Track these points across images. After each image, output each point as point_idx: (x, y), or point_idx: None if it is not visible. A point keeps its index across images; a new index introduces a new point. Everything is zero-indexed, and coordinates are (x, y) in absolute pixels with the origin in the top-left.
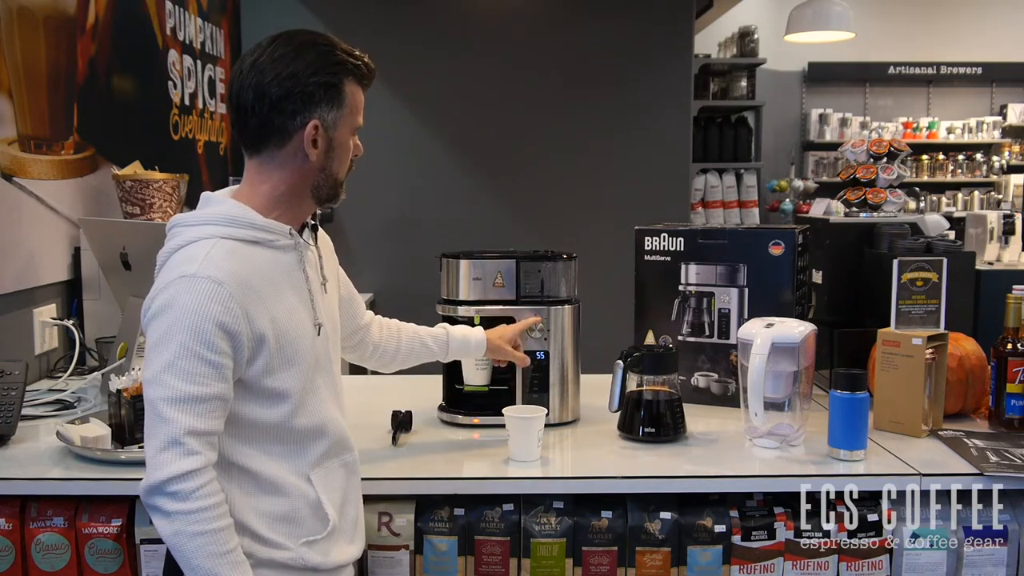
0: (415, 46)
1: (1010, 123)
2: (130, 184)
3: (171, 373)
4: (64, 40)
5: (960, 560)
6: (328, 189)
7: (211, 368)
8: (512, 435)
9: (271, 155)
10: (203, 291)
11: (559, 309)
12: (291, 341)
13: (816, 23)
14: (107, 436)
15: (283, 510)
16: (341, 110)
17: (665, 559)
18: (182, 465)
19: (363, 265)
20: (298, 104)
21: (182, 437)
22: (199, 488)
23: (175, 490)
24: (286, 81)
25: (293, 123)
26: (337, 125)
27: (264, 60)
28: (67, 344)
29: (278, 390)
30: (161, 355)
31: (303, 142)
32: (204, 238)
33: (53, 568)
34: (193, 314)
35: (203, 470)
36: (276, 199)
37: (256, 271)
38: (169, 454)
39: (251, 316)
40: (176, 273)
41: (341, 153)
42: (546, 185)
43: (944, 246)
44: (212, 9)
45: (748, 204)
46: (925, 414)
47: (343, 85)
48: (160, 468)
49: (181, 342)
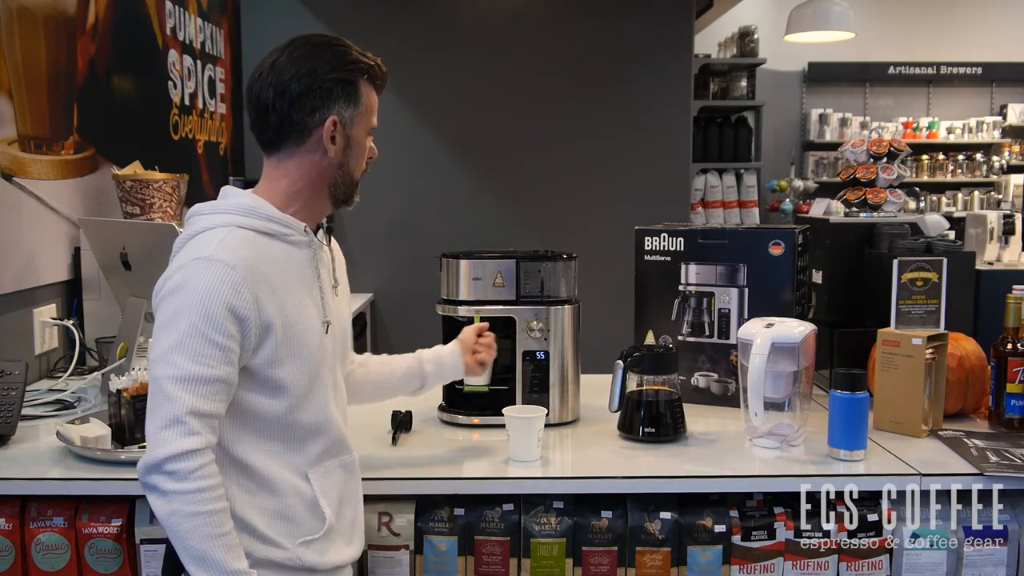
0: (415, 46)
1: (1010, 123)
2: (130, 184)
3: (178, 352)
4: (64, 40)
5: (960, 560)
6: (344, 188)
7: (218, 350)
8: (512, 435)
9: (290, 152)
10: (216, 273)
11: (559, 309)
12: (298, 334)
13: (816, 23)
14: (107, 436)
15: (280, 507)
16: (357, 108)
17: (665, 559)
18: (182, 444)
19: (363, 265)
20: (317, 100)
21: (184, 416)
22: (198, 468)
23: (173, 469)
24: (305, 78)
25: (312, 119)
26: (354, 123)
27: (283, 60)
28: (67, 344)
29: (281, 381)
30: (170, 334)
31: (322, 138)
32: (220, 226)
33: (53, 568)
34: (205, 295)
35: (202, 451)
36: (294, 196)
37: (269, 261)
38: (170, 432)
39: (260, 303)
40: (190, 256)
41: (358, 152)
42: (546, 185)
43: (944, 246)
44: (212, 9)
45: (748, 204)
46: (925, 414)
47: (359, 84)
48: (160, 446)
49: (191, 322)
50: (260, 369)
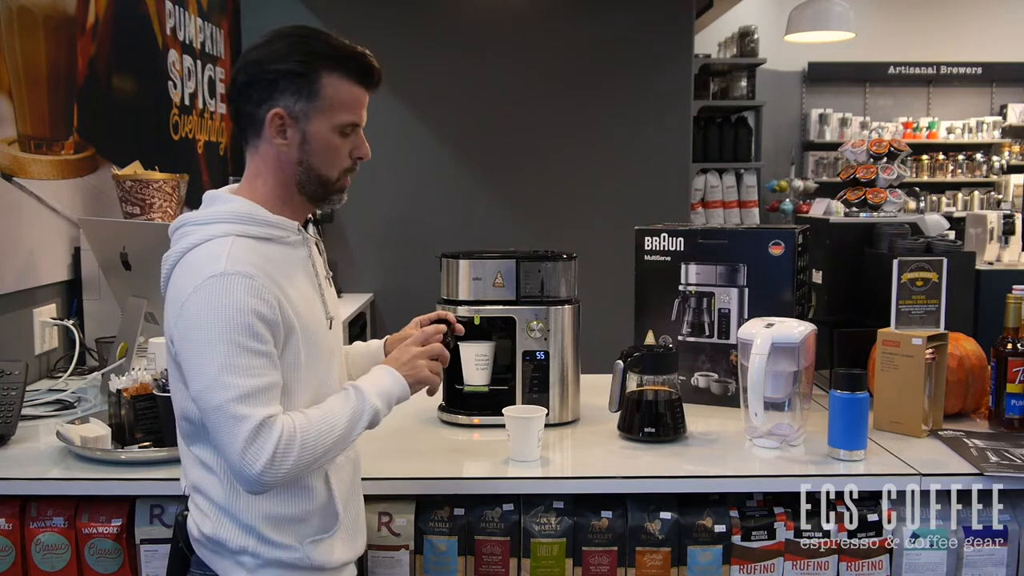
0: (415, 46)
1: (1010, 123)
2: (130, 184)
3: (231, 373)
4: (64, 40)
5: (960, 560)
6: (312, 186)
7: (264, 358)
8: (512, 435)
9: (255, 147)
10: (237, 286)
11: (559, 309)
12: (312, 333)
13: (816, 23)
14: (107, 436)
15: (293, 512)
16: (313, 102)
17: (665, 559)
18: (271, 444)
19: (363, 265)
20: (263, 91)
21: (260, 424)
22: (291, 437)
23: (279, 461)
24: (249, 68)
25: (258, 111)
26: (309, 117)
27: (247, 53)
28: (67, 344)
29: (299, 381)
30: (213, 359)
31: (268, 131)
32: (218, 236)
33: (53, 568)
34: (235, 311)
35: (277, 422)
36: (273, 196)
37: (274, 265)
38: (256, 445)
39: (283, 306)
40: (204, 274)
41: (319, 148)
42: (546, 185)
43: (944, 246)
44: (212, 9)
45: (748, 204)
46: (925, 414)
47: (317, 77)
48: (255, 462)
49: (230, 340)
50: (282, 370)
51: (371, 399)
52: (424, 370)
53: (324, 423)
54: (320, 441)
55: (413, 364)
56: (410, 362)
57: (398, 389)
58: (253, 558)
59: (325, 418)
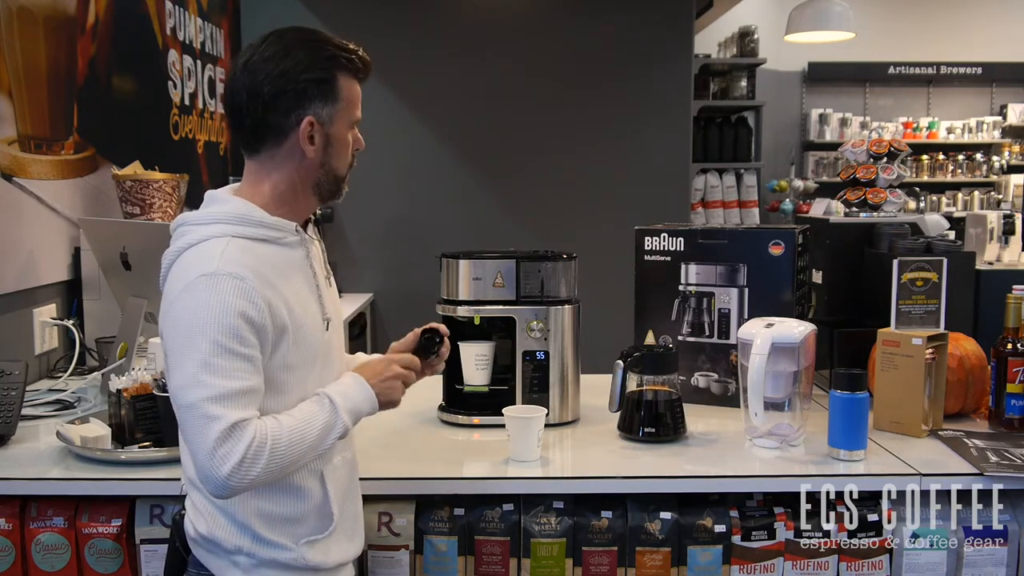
0: (415, 46)
1: (1010, 123)
2: (130, 184)
3: (209, 372)
4: (64, 40)
5: (960, 560)
6: (329, 185)
7: (246, 362)
8: (512, 435)
9: (270, 155)
10: (226, 287)
11: (559, 309)
12: (306, 335)
13: (816, 23)
14: (107, 436)
15: (287, 512)
16: (336, 104)
17: (665, 559)
18: (241, 448)
19: (363, 265)
20: (291, 102)
21: (231, 427)
22: (262, 444)
23: (247, 466)
24: (278, 79)
25: (288, 121)
26: (333, 120)
27: (255, 60)
28: (67, 344)
29: (290, 382)
30: (193, 357)
31: (299, 140)
32: (215, 236)
33: (53, 568)
34: (220, 311)
35: (250, 426)
36: (278, 197)
37: (270, 266)
38: (226, 447)
39: (273, 308)
40: (195, 273)
41: (339, 148)
42: (546, 185)
43: (944, 246)
44: (212, 9)
45: (748, 204)
46: (925, 414)
47: (336, 80)
48: (223, 464)
49: (213, 340)
50: (272, 371)
51: (343, 415)
52: (398, 392)
53: (296, 433)
54: (290, 450)
55: (391, 384)
56: (388, 381)
57: (368, 407)
58: (248, 558)
59: (297, 427)
